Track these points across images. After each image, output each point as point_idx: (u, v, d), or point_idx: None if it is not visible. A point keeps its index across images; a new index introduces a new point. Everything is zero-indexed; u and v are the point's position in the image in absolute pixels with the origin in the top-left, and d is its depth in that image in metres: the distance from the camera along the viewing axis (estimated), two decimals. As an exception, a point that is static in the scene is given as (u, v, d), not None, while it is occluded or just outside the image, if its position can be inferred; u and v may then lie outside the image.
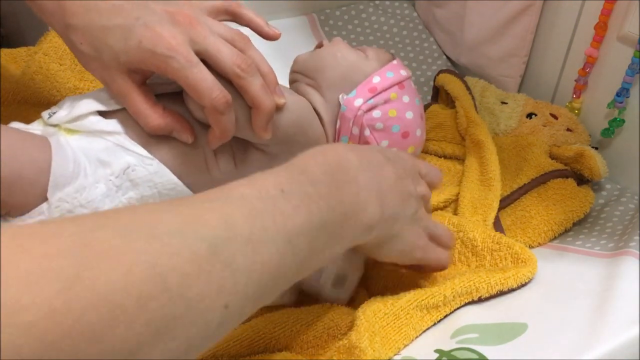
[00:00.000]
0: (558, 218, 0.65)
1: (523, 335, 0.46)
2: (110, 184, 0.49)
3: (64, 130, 0.50)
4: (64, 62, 0.70)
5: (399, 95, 0.64)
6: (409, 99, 0.65)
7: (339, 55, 0.64)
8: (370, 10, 0.98)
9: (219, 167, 0.55)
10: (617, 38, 0.71)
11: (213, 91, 0.48)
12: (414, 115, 0.65)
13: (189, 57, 0.47)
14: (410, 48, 0.96)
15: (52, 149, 0.47)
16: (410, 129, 0.64)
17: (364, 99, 0.62)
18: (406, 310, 0.48)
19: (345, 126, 0.62)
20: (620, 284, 0.49)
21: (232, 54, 0.49)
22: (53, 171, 0.47)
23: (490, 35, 0.86)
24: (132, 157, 0.50)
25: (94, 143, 0.50)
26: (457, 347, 0.46)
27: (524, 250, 0.55)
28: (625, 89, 0.70)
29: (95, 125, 0.50)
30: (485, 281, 0.51)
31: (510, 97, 0.83)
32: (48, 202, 0.47)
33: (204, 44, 0.48)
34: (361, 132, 0.63)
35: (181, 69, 0.47)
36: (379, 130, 0.63)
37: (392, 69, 0.65)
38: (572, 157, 0.71)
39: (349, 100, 0.62)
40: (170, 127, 0.51)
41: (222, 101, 0.48)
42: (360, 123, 0.62)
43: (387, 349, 0.46)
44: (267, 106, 0.51)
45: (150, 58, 0.47)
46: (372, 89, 0.63)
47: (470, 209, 0.64)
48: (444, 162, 0.74)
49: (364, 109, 0.62)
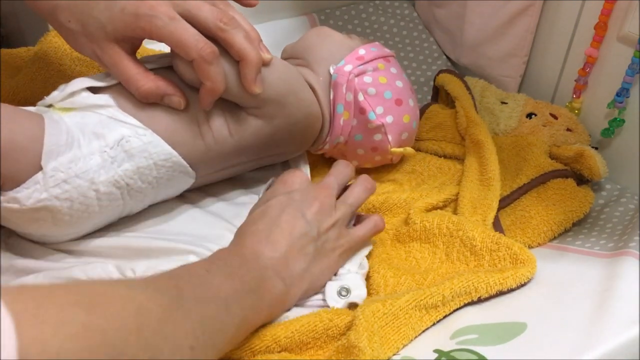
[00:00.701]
0: (558, 218, 0.65)
1: (522, 335, 0.46)
2: (105, 155, 0.49)
3: (58, 109, 0.51)
4: (64, 62, 0.70)
5: (386, 66, 0.67)
6: (397, 71, 0.68)
7: (323, 33, 0.67)
8: (370, 10, 0.98)
9: (213, 134, 0.55)
10: (617, 38, 0.71)
11: (198, 42, 0.49)
12: (404, 85, 0.67)
13: (171, 14, 0.49)
14: (410, 48, 0.96)
15: (45, 123, 0.48)
16: (402, 97, 0.66)
17: (353, 65, 0.65)
18: (405, 310, 0.48)
19: (339, 93, 0.64)
20: (620, 284, 0.49)
21: (213, 10, 0.51)
22: (46, 140, 0.47)
23: (490, 35, 0.86)
24: (126, 129, 0.51)
25: (87, 118, 0.50)
26: (456, 347, 0.46)
27: (523, 251, 0.55)
28: (625, 89, 0.70)
29: (87, 99, 0.51)
30: (484, 281, 0.51)
31: (510, 97, 0.83)
32: (43, 172, 0.47)
33: (184, 5, 0.50)
34: (355, 98, 0.64)
35: (165, 26, 0.49)
36: (371, 95, 0.65)
37: (376, 46, 0.68)
38: (572, 157, 0.71)
39: (339, 68, 0.64)
40: (162, 90, 0.52)
41: (208, 51, 0.50)
42: (353, 88, 0.64)
43: (386, 348, 0.46)
44: (253, 57, 0.52)
45: (135, 21, 0.49)
46: (359, 57, 0.66)
47: (470, 209, 0.64)
48: (444, 162, 0.74)
49: (355, 73, 0.64)
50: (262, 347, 0.46)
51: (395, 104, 0.66)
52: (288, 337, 0.47)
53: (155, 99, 0.52)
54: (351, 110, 0.65)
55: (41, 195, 0.47)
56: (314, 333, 0.47)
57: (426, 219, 0.60)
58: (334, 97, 0.64)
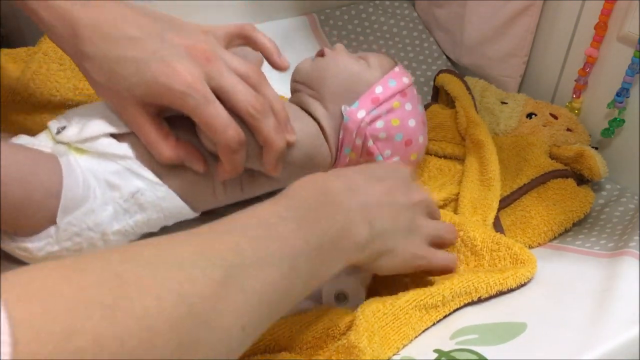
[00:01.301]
0: (558, 218, 0.65)
1: (522, 335, 0.46)
2: (118, 207, 0.49)
3: (73, 150, 0.50)
4: (64, 62, 0.70)
5: (401, 103, 0.63)
6: (412, 107, 0.64)
7: (341, 65, 0.63)
8: (370, 10, 0.98)
9: (225, 193, 0.55)
10: (617, 38, 0.71)
11: (228, 130, 0.48)
12: (417, 123, 0.65)
13: (205, 94, 0.47)
14: (410, 48, 0.96)
15: (63, 171, 0.47)
16: (412, 137, 0.64)
17: (366, 110, 0.62)
18: (405, 310, 0.48)
19: (348, 138, 0.62)
20: (620, 284, 0.49)
21: (247, 94, 0.49)
22: (64, 195, 0.46)
23: (490, 35, 0.86)
24: (142, 182, 0.50)
25: (103, 164, 0.49)
26: (456, 347, 0.46)
27: (523, 251, 0.55)
28: (625, 89, 0.70)
29: (106, 148, 0.50)
30: (484, 281, 0.51)
31: (510, 97, 0.83)
32: (57, 226, 0.47)
33: (219, 81, 0.48)
34: (364, 143, 0.62)
35: (197, 107, 0.47)
36: (382, 139, 0.63)
37: (395, 76, 0.64)
38: (572, 157, 0.71)
39: (351, 111, 0.61)
40: (182, 158, 0.51)
41: (235, 140, 0.48)
42: (363, 134, 0.62)
43: (386, 348, 0.46)
44: (278, 146, 0.51)
45: (167, 94, 0.46)
46: (374, 99, 0.62)
47: (470, 209, 0.64)
48: (444, 162, 0.74)
49: (367, 121, 0.61)
50: (262, 347, 0.46)
51: (404, 145, 0.64)
52: (288, 336, 0.47)
53: (174, 164, 0.51)
54: (358, 152, 0.63)
55: (53, 248, 0.47)
56: (314, 332, 0.47)
57: (427, 219, 0.60)
58: (342, 138, 0.62)
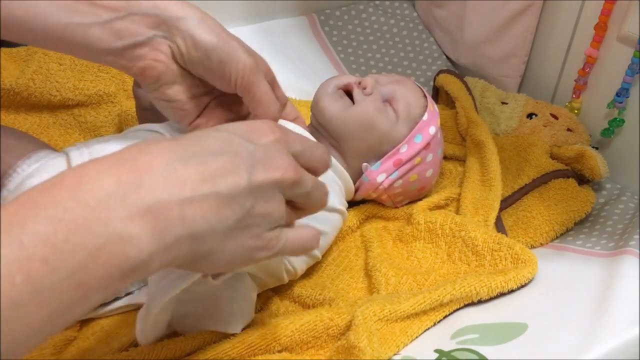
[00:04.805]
0: (559, 218, 0.65)
1: (523, 335, 0.46)
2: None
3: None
4: (64, 62, 0.70)
5: (423, 158, 0.63)
6: (432, 157, 0.64)
7: (369, 121, 0.59)
8: (370, 10, 0.98)
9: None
10: (617, 38, 0.71)
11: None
12: (434, 172, 0.66)
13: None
14: (410, 48, 0.96)
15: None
16: (427, 184, 0.66)
17: (387, 173, 0.62)
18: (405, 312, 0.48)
19: (364, 191, 0.63)
20: (620, 284, 0.49)
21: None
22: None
23: (490, 35, 0.86)
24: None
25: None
26: (457, 347, 0.46)
27: (524, 251, 0.55)
28: (625, 89, 0.70)
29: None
30: (486, 285, 0.51)
31: (511, 97, 0.83)
32: None
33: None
34: (378, 197, 0.65)
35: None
36: (396, 192, 0.64)
37: (422, 129, 0.62)
38: (573, 157, 0.71)
39: (371, 172, 0.62)
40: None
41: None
42: (379, 192, 0.63)
43: (387, 348, 0.46)
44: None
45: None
46: (396, 161, 0.61)
47: (472, 210, 0.64)
48: (445, 163, 0.74)
49: (385, 185, 0.62)
50: (263, 346, 0.46)
51: (417, 191, 0.66)
52: (288, 336, 0.47)
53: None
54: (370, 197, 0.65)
55: None
56: (314, 332, 0.47)
57: (430, 219, 0.60)
58: (358, 189, 0.63)
